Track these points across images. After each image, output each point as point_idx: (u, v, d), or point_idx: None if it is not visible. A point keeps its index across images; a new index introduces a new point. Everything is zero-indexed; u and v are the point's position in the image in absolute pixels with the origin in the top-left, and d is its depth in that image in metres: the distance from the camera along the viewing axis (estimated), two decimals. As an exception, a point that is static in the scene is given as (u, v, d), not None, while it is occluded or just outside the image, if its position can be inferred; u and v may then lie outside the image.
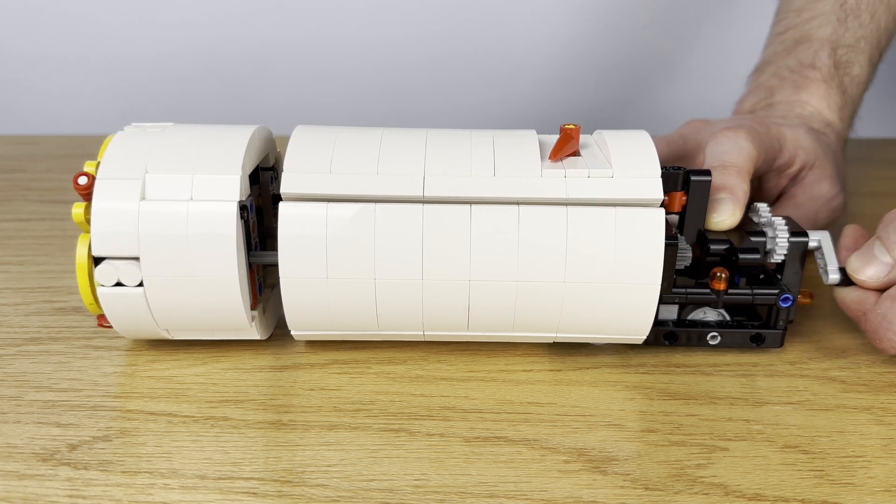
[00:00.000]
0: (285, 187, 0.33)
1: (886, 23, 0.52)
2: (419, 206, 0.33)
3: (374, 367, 0.37)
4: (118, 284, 0.34)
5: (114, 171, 0.34)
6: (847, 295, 0.37)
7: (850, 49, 0.51)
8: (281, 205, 0.34)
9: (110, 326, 0.36)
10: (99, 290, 0.34)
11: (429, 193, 0.33)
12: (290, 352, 0.39)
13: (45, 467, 0.31)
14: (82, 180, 0.34)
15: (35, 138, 0.72)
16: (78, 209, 0.34)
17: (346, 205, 0.33)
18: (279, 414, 0.34)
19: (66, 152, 0.68)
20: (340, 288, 0.34)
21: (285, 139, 0.35)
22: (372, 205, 0.33)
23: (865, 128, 0.56)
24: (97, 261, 0.34)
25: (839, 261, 0.38)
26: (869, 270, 0.36)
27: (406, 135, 0.36)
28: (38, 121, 0.80)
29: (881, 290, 0.36)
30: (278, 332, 0.40)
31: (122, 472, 0.31)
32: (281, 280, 0.34)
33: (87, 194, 0.34)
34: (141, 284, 0.34)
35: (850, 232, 0.39)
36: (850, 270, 0.37)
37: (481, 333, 0.36)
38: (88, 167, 0.34)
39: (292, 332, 0.36)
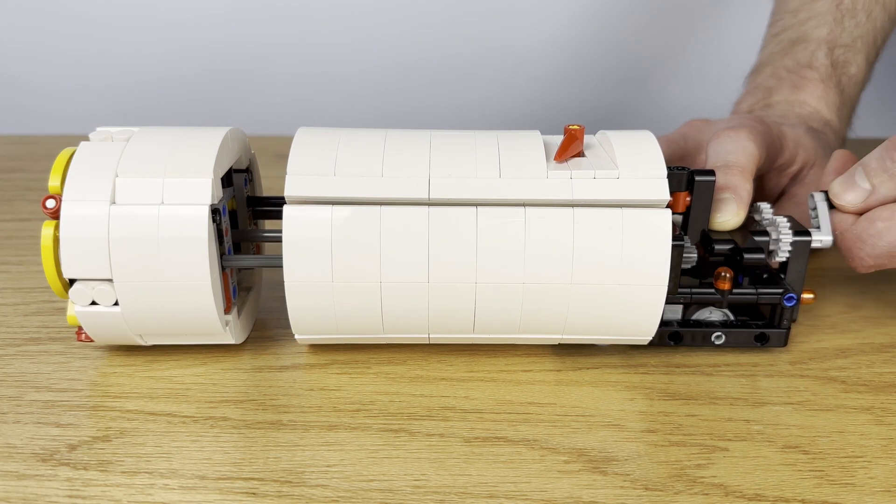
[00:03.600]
0: (289, 190, 0.33)
1: (882, 22, 0.53)
2: (425, 208, 0.33)
3: (373, 367, 0.37)
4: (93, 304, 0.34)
5: (81, 182, 0.33)
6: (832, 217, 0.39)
7: (847, 49, 0.51)
8: (285, 208, 0.33)
9: (91, 340, 0.36)
10: (75, 308, 0.34)
11: (434, 195, 0.33)
12: (290, 352, 0.39)
13: (45, 467, 0.31)
14: (50, 203, 0.33)
15: (35, 138, 0.72)
16: (48, 228, 0.33)
17: (350, 207, 0.33)
18: (279, 414, 0.34)
19: (65, 152, 0.68)
20: (345, 291, 0.34)
21: (285, 139, 0.35)
22: (377, 207, 0.33)
23: (865, 128, 0.56)
24: (71, 282, 0.34)
25: (824, 184, 0.39)
26: (849, 195, 0.37)
27: (410, 136, 0.36)
28: (38, 121, 0.80)
29: (859, 213, 0.38)
30: (278, 333, 0.40)
31: (122, 472, 0.30)
32: (286, 284, 0.34)
33: (55, 214, 0.33)
34: (116, 304, 0.34)
35: (838, 156, 0.40)
36: (831, 195, 0.38)
37: (487, 336, 0.36)
38: (53, 180, 0.33)
39: (296, 337, 0.36)
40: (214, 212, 0.33)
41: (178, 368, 0.37)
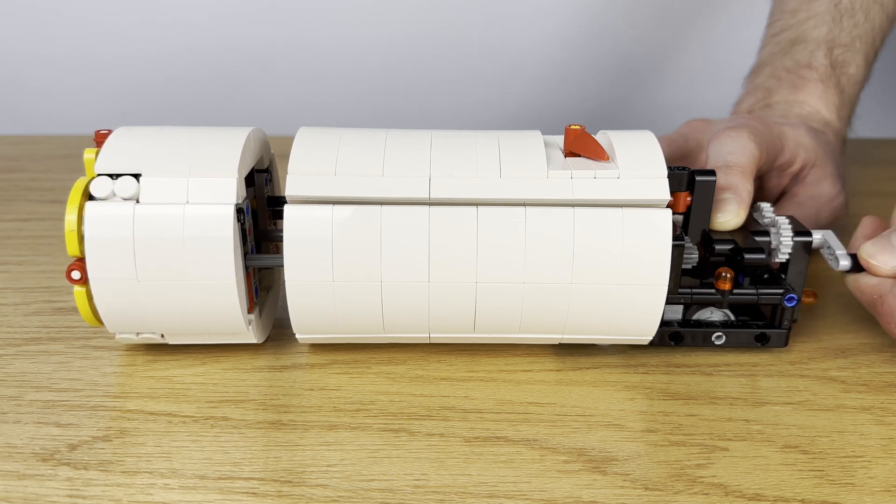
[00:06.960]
0: (290, 189, 0.33)
1: (881, 22, 0.53)
2: (425, 207, 0.33)
3: (374, 367, 0.37)
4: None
5: (106, 181, 0.33)
6: (863, 279, 0.38)
7: (845, 49, 0.51)
8: (286, 207, 0.33)
9: (79, 281, 0.34)
10: (87, 204, 0.33)
11: (435, 195, 0.33)
12: (290, 352, 0.39)
13: (45, 467, 0.31)
14: (104, 130, 0.35)
15: (35, 138, 0.72)
16: (90, 154, 0.34)
17: (351, 207, 0.33)
18: (279, 414, 0.34)
19: (66, 152, 0.68)
20: (346, 290, 0.34)
21: (286, 139, 0.35)
22: (378, 207, 0.33)
23: (864, 128, 0.56)
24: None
25: (853, 247, 0.38)
26: (882, 256, 0.37)
27: (411, 136, 0.36)
28: (38, 121, 0.80)
29: (893, 276, 0.37)
30: (278, 332, 0.40)
31: (122, 472, 0.31)
32: (286, 283, 0.34)
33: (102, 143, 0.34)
34: (135, 198, 0.33)
35: (868, 222, 0.40)
36: (864, 255, 0.37)
37: (488, 335, 0.36)
38: (88, 154, 0.34)
39: (297, 336, 0.36)
40: (239, 211, 0.33)
41: (178, 368, 0.37)
